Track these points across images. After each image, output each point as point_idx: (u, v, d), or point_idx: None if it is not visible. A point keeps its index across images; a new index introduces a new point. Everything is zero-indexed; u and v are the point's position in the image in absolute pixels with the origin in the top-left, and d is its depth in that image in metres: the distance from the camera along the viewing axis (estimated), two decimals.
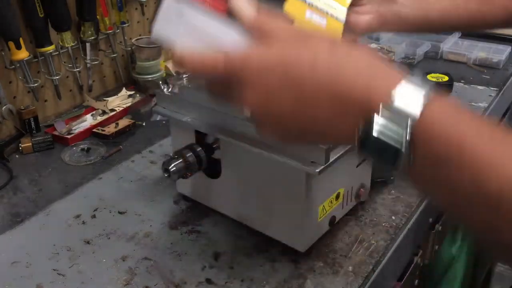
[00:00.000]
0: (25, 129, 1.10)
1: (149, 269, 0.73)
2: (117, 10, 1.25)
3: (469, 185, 0.38)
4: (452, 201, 0.41)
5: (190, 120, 0.77)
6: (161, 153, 1.04)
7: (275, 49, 0.46)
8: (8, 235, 0.82)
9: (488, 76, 1.37)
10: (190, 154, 0.75)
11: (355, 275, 0.71)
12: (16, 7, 1.05)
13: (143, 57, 1.27)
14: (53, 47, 1.11)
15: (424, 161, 0.40)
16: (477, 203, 0.38)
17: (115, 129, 1.11)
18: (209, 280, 0.71)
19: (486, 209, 0.38)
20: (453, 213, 0.43)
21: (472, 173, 0.38)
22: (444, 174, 0.39)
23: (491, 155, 0.37)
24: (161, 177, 0.93)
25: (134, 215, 0.85)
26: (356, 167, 0.79)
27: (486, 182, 0.37)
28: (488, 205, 0.37)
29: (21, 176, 0.98)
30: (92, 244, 0.79)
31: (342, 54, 0.45)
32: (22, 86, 1.11)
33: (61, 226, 0.83)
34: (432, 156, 0.39)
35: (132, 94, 1.26)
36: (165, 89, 0.80)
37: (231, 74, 0.47)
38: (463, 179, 0.38)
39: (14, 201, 0.91)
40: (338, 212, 0.78)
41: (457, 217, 0.43)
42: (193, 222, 0.83)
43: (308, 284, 0.70)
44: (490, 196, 0.37)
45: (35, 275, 0.73)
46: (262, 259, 0.75)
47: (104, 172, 0.98)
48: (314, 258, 0.74)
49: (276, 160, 0.67)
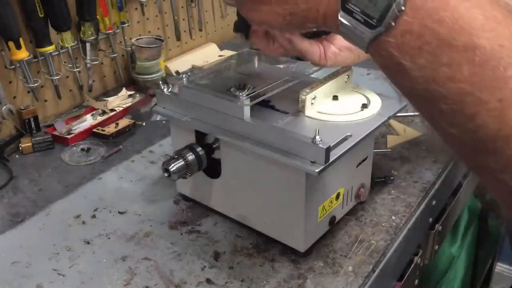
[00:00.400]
0: (25, 129, 1.10)
1: (149, 269, 0.73)
2: (117, 10, 1.25)
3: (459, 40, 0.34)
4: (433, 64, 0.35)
5: (190, 120, 0.77)
6: (161, 153, 1.04)
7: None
8: (8, 235, 0.82)
9: None
10: (190, 154, 0.75)
11: (355, 275, 0.71)
12: (16, 7, 1.05)
13: (143, 57, 1.27)
14: (53, 47, 1.11)
15: (414, 17, 0.35)
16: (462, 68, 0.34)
17: (115, 129, 1.11)
18: (209, 280, 0.71)
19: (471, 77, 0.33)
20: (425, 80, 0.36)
21: (465, 34, 0.33)
22: (432, 35, 0.34)
23: (488, 19, 0.34)
24: (161, 177, 0.93)
25: (134, 215, 0.85)
26: (356, 167, 0.79)
27: (478, 48, 0.33)
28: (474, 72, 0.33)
29: (21, 176, 0.98)
30: (92, 244, 0.79)
31: None
32: (22, 86, 1.11)
33: (61, 226, 0.83)
34: (423, 10, 0.35)
35: (132, 94, 1.26)
36: (165, 89, 0.80)
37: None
38: (454, 42, 0.34)
39: (14, 201, 0.91)
40: (338, 212, 0.78)
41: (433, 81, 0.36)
42: (193, 222, 0.83)
43: (308, 284, 0.70)
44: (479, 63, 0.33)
45: (35, 275, 0.73)
46: (262, 259, 0.75)
47: (104, 172, 0.98)
48: (314, 258, 0.74)
49: (276, 160, 0.67)
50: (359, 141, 0.70)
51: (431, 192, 0.90)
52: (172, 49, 1.48)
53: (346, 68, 0.82)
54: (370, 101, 0.78)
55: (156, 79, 1.27)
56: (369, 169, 0.84)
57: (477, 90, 0.33)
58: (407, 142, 1.03)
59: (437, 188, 0.92)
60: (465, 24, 0.34)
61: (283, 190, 0.72)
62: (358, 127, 0.72)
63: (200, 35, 1.57)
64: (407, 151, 1.00)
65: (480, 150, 0.35)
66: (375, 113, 0.76)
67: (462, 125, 0.35)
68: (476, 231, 1.45)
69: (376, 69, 1.64)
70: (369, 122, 0.74)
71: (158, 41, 1.30)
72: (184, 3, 1.47)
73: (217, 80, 0.82)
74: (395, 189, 0.89)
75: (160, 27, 1.43)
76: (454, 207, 1.12)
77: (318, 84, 0.77)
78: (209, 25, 1.60)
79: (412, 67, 0.36)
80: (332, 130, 0.71)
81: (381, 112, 0.76)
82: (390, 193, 0.88)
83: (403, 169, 0.95)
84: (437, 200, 0.94)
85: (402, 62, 0.37)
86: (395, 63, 0.37)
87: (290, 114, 0.76)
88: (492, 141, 0.34)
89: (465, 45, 0.33)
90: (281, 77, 0.78)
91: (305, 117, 0.75)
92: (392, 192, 0.89)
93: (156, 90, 0.82)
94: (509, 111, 0.33)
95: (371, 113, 0.75)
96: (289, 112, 0.76)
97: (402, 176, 0.93)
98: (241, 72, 0.86)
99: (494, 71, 0.33)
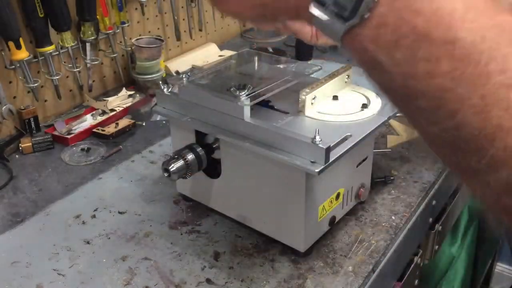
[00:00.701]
0: (25, 129, 1.10)
1: (149, 269, 0.73)
2: (117, 10, 1.25)
3: (437, 34, 0.32)
4: (410, 60, 0.33)
5: (190, 120, 0.77)
6: (161, 153, 1.04)
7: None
8: (8, 235, 0.82)
9: None
10: (190, 154, 0.75)
11: (355, 275, 0.71)
12: (16, 7, 1.05)
13: (143, 57, 1.27)
14: (53, 47, 1.11)
15: (389, 8, 0.33)
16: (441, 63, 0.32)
17: (115, 129, 1.11)
18: (209, 280, 0.71)
19: (451, 72, 0.31)
20: (404, 76, 0.34)
21: (444, 26, 0.31)
22: (409, 28, 0.32)
23: (468, 9, 0.31)
24: (161, 177, 0.93)
25: (134, 215, 0.85)
26: (356, 167, 0.79)
27: (458, 40, 0.31)
28: (454, 67, 0.31)
29: (21, 176, 0.98)
30: (92, 244, 0.79)
31: None
32: (22, 86, 1.11)
33: (61, 226, 0.83)
34: (399, 3, 0.33)
35: (132, 94, 1.26)
36: (165, 89, 0.80)
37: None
38: (433, 27, 0.32)
39: (14, 201, 0.91)
40: (338, 212, 0.78)
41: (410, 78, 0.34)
42: (193, 222, 0.83)
43: (308, 284, 0.70)
44: (459, 57, 0.31)
45: (35, 275, 0.73)
46: (262, 259, 0.75)
47: (104, 172, 0.98)
48: (314, 258, 0.74)
49: (276, 160, 0.67)
50: (359, 141, 0.70)
51: (431, 192, 0.90)
52: (172, 49, 1.48)
53: (346, 68, 0.82)
54: (370, 101, 0.78)
55: (156, 79, 1.27)
56: (369, 169, 0.84)
57: (458, 86, 0.31)
58: (407, 142, 1.03)
59: (437, 188, 0.92)
60: (444, 15, 0.31)
61: (283, 190, 0.72)
62: (358, 127, 0.72)
63: (200, 35, 1.57)
64: (407, 151, 1.00)
65: (462, 149, 0.33)
66: (375, 113, 0.76)
67: (443, 123, 0.33)
68: (476, 231, 1.45)
69: None
70: (369, 122, 0.74)
71: (158, 41, 1.30)
72: (184, 3, 1.47)
73: (217, 80, 0.82)
74: (395, 189, 0.89)
75: (160, 27, 1.43)
76: (454, 207, 1.12)
77: (318, 84, 0.77)
78: (209, 25, 1.60)
79: (388, 62, 0.34)
80: (332, 130, 0.71)
81: (381, 112, 0.76)
82: (390, 193, 0.88)
83: (403, 169, 0.95)
84: (437, 200, 0.94)
85: (378, 57, 0.35)
86: (371, 57, 0.35)
87: (290, 114, 0.76)
88: (474, 140, 0.32)
89: (444, 38, 0.31)
90: (281, 77, 0.78)
91: (305, 117, 0.75)
92: (392, 192, 0.89)
93: (156, 90, 0.82)
94: (492, 108, 0.30)
95: (371, 113, 0.75)
96: (289, 112, 0.76)
97: (402, 176, 0.93)
98: (241, 72, 0.86)
99: (475, 65, 0.31)
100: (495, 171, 0.32)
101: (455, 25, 0.31)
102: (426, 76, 0.32)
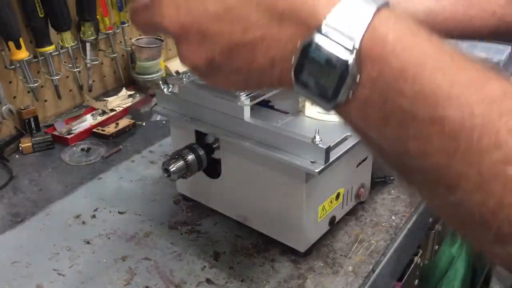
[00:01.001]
0: (25, 129, 1.10)
1: (149, 269, 0.73)
2: (117, 10, 1.25)
3: (424, 114, 0.31)
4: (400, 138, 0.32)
5: (190, 120, 0.77)
6: (161, 153, 1.04)
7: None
8: (8, 235, 0.82)
9: None
10: (190, 154, 0.75)
11: (355, 275, 0.71)
12: (16, 7, 1.05)
13: (143, 57, 1.27)
14: (53, 47, 1.11)
15: (371, 89, 0.32)
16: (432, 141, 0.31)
17: (115, 129, 1.11)
18: (209, 280, 0.71)
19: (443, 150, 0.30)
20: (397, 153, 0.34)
21: (430, 106, 0.30)
22: (394, 107, 0.31)
23: (453, 84, 0.30)
24: (161, 177, 0.93)
25: (134, 215, 0.85)
26: (356, 167, 0.79)
27: (447, 119, 0.30)
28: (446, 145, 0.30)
29: (21, 176, 0.98)
30: (92, 244, 0.79)
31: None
32: (22, 86, 1.11)
33: (61, 226, 0.83)
34: (381, 81, 0.32)
35: (132, 94, 1.26)
36: (165, 89, 0.80)
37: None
38: (419, 106, 0.31)
39: (14, 201, 0.91)
40: (338, 212, 0.78)
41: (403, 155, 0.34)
42: (193, 222, 0.83)
43: (308, 284, 0.70)
44: (450, 135, 0.30)
45: (35, 275, 0.73)
46: (262, 259, 0.75)
47: (104, 172, 0.98)
48: (314, 258, 0.74)
49: (276, 160, 0.67)
50: (359, 141, 0.70)
51: None
52: (172, 49, 1.48)
53: None
54: None
55: (156, 79, 1.27)
56: (369, 169, 0.84)
57: (453, 163, 0.30)
58: None
59: None
60: (428, 95, 0.30)
61: (283, 190, 0.72)
62: None
63: None
64: None
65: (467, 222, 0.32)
66: None
67: (443, 198, 0.32)
68: None
69: None
70: None
71: (158, 41, 1.30)
72: None
73: None
74: (395, 189, 0.89)
75: None
76: None
77: None
78: None
79: (379, 138, 0.34)
80: (332, 130, 0.71)
81: None
82: (390, 193, 0.88)
83: None
84: None
85: (369, 133, 0.34)
86: (362, 132, 0.35)
87: (290, 114, 0.76)
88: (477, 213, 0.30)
89: (431, 117, 0.30)
90: None
91: (305, 117, 0.75)
92: (392, 192, 0.89)
93: (156, 90, 0.82)
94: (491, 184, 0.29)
95: None
96: (289, 112, 0.76)
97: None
98: None
99: (468, 142, 0.29)
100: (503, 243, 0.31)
101: (441, 104, 0.30)
102: (419, 154, 0.32)
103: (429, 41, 0.32)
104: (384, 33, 0.32)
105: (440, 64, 0.31)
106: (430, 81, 0.30)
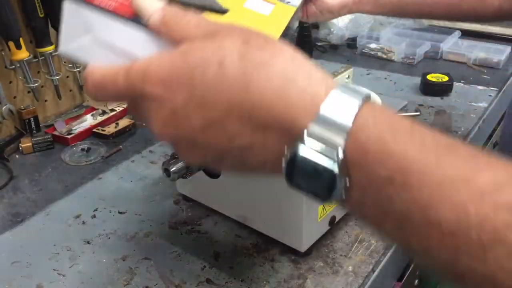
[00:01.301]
0: (25, 129, 1.10)
1: (149, 269, 0.73)
2: None
3: (419, 216, 0.31)
4: (402, 236, 0.33)
5: None
6: (161, 153, 1.04)
7: (178, 54, 0.37)
8: (8, 235, 0.82)
9: (488, 76, 1.37)
10: None
11: (355, 275, 0.71)
12: (16, 7, 1.05)
13: None
14: (53, 47, 1.11)
15: (363, 194, 0.33)
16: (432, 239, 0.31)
17: (115, 129, 1.11)
18: (209, 280, 0.71)
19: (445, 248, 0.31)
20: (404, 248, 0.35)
21: (423, 210, 0.31)
22: (390, 211, 0.32)
23: (442, 185, 0.30)
24: (161, 177, 0.93)
25: (134, 215, 0.85)
26: None
27: (442, 221, 0.30)
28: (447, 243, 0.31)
29: (21, 176, 0.98)
30: (92, 244, 0.79)
31: (256, 56, 0.35)
32: (22, 86, 1.11)
33: (61, 226, 0.83)
34: (371, 188, 0.33)
35: None
36: None
37: (133, 89, 0.38)
38: (412, 210, 0.31)
39: (14, 201, 0.91)
40: (338, 212, 0.78)
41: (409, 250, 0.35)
42: (193, 222, 0.83)
43: (308, 284, 0.70)
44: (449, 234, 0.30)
45: (35, 275, 0.73)
46: (262, 259, 0.75)
47: (104, 172, 0.98)
48: (314, 258, 0.74)
49: None
50: None
51: None
52: None
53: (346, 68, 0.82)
54: None
55: None
56: None
57: (457, 259, 0.30)
58: None
59: None
60: (418, 200, 0.31)
61: (283, 190, 0.71)
62: None
63: None
64: None
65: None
66: None
67: (456, 284, 0.32)
68: None
69: (376, 69, 1.64)
70: None
71: None
72: None
73: None
74: None
75: None
76: None
77: None
78: None
79: (381, 231, 0.35)
80: None
81: None
82: None
83: None
84: None
85: (370, 225, 0.35)
86: (364, 221, 0.36)
87: None
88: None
89: (426, 220, 0.31)
90: None
91: None
92: None
93: None
94: (500, 275, 0.29)
95: None
96: None
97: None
98: None
99: (468, 240, 0.30)
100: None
101: (434, 207, 0.30)
102: (421, 250, 0.32)
103: (411, 139, 0.32)
104: (366, 139, 0.32)
105: (426, 167, 0.31)
106: (419, 187, 0.31)
